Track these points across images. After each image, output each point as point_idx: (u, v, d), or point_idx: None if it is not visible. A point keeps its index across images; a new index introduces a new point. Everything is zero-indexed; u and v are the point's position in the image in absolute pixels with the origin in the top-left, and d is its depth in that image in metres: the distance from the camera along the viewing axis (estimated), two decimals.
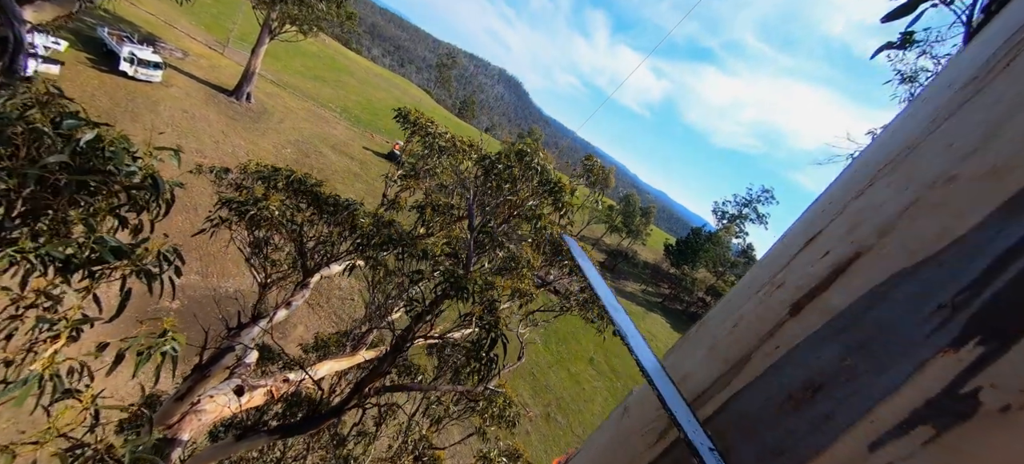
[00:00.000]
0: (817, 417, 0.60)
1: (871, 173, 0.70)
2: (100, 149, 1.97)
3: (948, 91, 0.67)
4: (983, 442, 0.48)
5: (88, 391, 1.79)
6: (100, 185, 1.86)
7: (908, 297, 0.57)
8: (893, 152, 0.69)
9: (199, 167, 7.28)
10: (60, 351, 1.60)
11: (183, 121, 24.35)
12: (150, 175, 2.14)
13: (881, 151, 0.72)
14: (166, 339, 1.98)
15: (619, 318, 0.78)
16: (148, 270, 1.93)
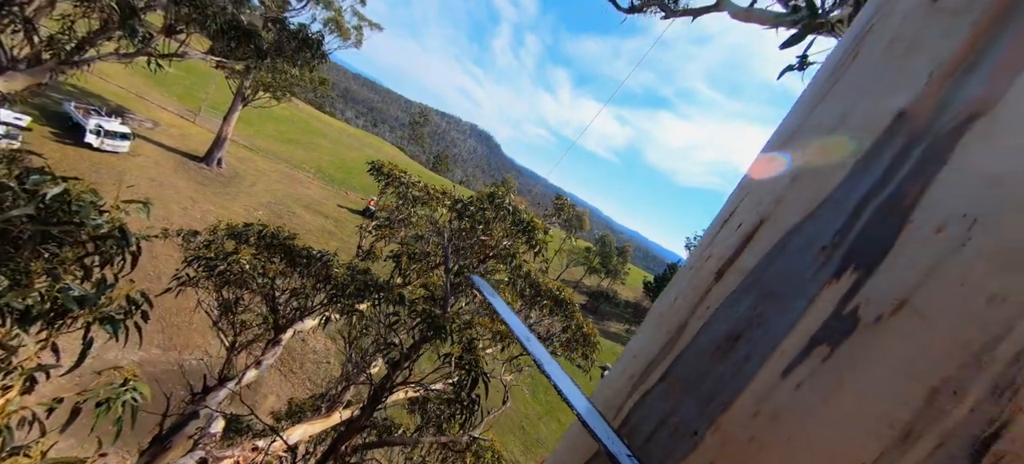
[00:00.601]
0: (738, 360, 0.68)
1: (767, 156, 0.84)
2: (67, 203, 1.98)
3: (819, 83, 0.83)
4: (866, 349, 0.58)
5: (37, 446, 1.67)
6: (66, 236, 1.84)
7: (798, 247, 0.68)
8: (784, 137, 0.83)
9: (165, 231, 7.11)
10: (12, 401, 1.51)
11: (150, 189, 23.79)
12: (118, 227, 2.14)
13: (776, 138, 0.86)
14: (127, 388, 1.89)
15: (532, 348, 0.86)
16: (111, 317, 1.87)
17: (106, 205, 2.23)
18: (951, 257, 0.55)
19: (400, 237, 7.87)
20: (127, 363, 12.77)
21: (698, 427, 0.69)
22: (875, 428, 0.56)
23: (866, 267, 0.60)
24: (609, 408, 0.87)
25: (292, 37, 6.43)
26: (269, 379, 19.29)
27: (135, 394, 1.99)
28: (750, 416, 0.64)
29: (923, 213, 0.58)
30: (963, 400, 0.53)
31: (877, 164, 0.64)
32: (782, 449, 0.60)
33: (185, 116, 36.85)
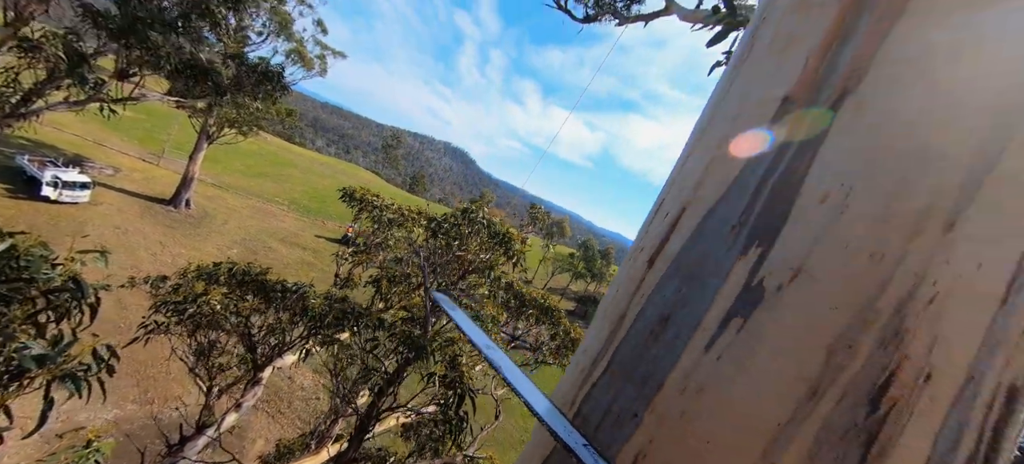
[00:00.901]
0: (668, 341, 0.72)
1: (689, 150, 0.90)
2: (15, 258, 1.91)
3: (726, 77, 0.89)
4: (772, 316, 0.62)
5: None
6: (13, 294, 1.78)
7: (713, 228, 0.73)
8: (699, 130, 0.89)
9: (132, 280, 6.85)
10: None
11: (114, 238, 22.84)
12: (71, 278, 2.07)
13: (693, 131, 0.92)
14: (90, 451, 1.82)
15: (492, 355, 0.89)
16: (73, 374, 1.80)
17: (58, 258, 2.16)
18: (834, 223, 0.61)
19: (379, 261, 7.79)
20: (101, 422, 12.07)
21: (637, 409, 0.73)
22: (786, 389, 0.60)
23: (768, 241, 0.65)
24: (564, 403, 0.90)
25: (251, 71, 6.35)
26: (256, 422, 18.56)
27: (98, 456, 1.91)
28: (680, 392, 0.68)
29: (810, 186, 0.64)
30: (857, 354, 0.58)
31: (771, 146, 0.70)
32: (709, 419, 0.64)
33: (148, 159, 35.70)
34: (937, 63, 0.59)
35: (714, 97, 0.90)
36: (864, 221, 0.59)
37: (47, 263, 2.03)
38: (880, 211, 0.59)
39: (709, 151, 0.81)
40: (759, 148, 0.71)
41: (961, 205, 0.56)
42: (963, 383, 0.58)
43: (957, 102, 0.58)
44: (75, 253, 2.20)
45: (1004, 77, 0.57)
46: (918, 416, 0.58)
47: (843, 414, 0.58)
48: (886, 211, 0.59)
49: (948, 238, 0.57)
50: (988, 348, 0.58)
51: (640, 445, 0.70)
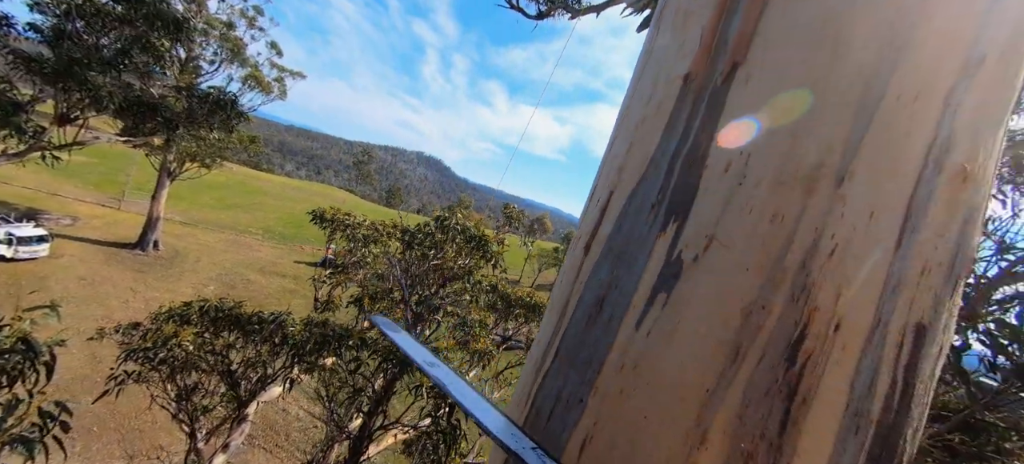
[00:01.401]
0: (604, 322, 0.74)
1: (614, 135, 0.92)
2: None
3: (641, 58, 0.91)
4: (692, 287, 0.65)
5: None
6: None
7: (636, 209, 0.75)
8: (621, 114, 0.91)
9: (102, 331, 6.56)
10: None
11: (80, 290, 21.81)
12: (20, 339, 1.97)
13: (618, 116, 0.94)
14: None
15: (435, 373, 0.88)
16: (24, 437, 1.71)
17: (3, 318, 2.05)
18: (738, 191, 0.63)
19: (358, 279, 7.67)
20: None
21: (582, 393, 0.74)
22: (711, 355, 0.62)
23: (683, 214, 0.68)
24: (521, 397, 0.91)
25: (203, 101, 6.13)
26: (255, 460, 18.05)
27: None
28: (617, 371, 0.70)
29: (714, 158, 0.66)
30: (771, 312, 0.61)
31: (678, 123, 0.72)
32: (645, 394, 0.66)
33: (108, 204, 34.20)
34: (814, 27, 0.62)
35: (632, 79, 0.92)
36: (764, 185, 0.62)
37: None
38: (777, 174, 0.62)
39: (629, 134, 0.83)
40: (669, 126, 0.73)
41: (848, 159, 0.59)
42: (871, 328, 0.61)
43: (836, 62, 0.61)
44: (22, 311, 2.09)
45: (877, 37, 0.61)
46: (833, 365, 0.61)
47: (765, 372, 0.61)
48: (782, 173, 0.61)
49: (840, 192, 0.60)
50: (890, 291, 0.61)
51: (586, 428, 0.72)
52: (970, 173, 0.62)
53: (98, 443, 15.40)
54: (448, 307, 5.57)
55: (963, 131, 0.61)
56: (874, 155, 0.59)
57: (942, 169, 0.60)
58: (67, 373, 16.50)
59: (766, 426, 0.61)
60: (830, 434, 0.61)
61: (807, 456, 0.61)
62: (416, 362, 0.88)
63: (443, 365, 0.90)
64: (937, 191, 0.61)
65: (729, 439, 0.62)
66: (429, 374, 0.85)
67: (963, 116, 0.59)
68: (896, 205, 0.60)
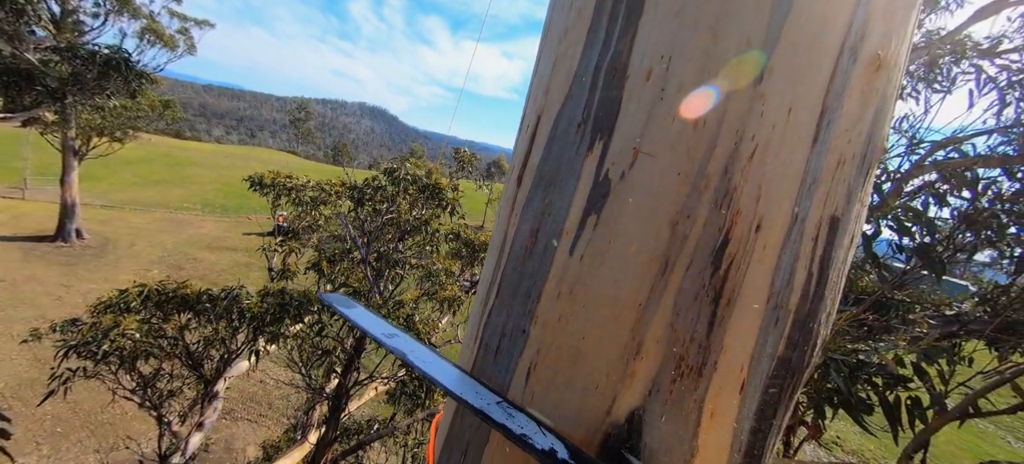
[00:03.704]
0: (539, 252, 0.72)
1: (539, 53, 0.85)
2: None
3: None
4: (620, 204, 0.63)
5: None
6: None
7: (563, 131, 0.71)
8: (545, 29, 0.84)
9: (36, 332, 6.04)
10: None
11: (2, 293, 19.73)
12: None
13: (542, 34, 0.87)
14: None
15: (394, 344, 0.84)
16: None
17: None
18: (660, 99, 0.60)
19: (313, 243, 7.37)
20: None
21: (524, 324, 0.74)
22: (642, 270, 0.63)
23: (608, 130, 0.64)
24: (470, 338, 0.91)
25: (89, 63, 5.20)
26: (241, 432, 18.09)
27: None
28: (555, 298, 0.69)
29: (635, 65, 0.62)
30: (696, 221, 0.61)
31: (599, 29, 0.66)
32: (582, 316, 0.66)
33: (8, 195, 30.13)
34: None
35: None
36: (684, 90, 0.59)
37: None
38: (697, 76, 0.59)
39: (553, 50, 0.77)
40: (590, 35, 0.68)
41: (766, 53, 0.57)
42: (790, 224, 0.63)
43: None
44: None
45: None
46: (755, 264, 0.62)
47: (692, 280, 0.62)
48: (702, 75, 0.59)
49: (760, 90, 0.58)
50: (807, 187, 0.63)
51: (530, 357, 0.72)
52: (883, 60, 0.62)
53: (66, 442, 14.79)
54: (411, 260, 5.52)
55: (877, 15, 0.60)
56: (792, 47, 0.57)
57: (857, 58, 0.60)
58: (11, 379, 15.33)
59: (695, 330, 0.63)
60: (753, 328, 0.64)
61: (732, 351, 0.64)
62: (374, 336, 0.84)
63: (402, 334, 0.87)
64: (851, 81, 0.61)
65: (662, 346, 0.64)
66: (388, 346, 0.82)
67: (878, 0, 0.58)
68: (813, 99, 0.59)
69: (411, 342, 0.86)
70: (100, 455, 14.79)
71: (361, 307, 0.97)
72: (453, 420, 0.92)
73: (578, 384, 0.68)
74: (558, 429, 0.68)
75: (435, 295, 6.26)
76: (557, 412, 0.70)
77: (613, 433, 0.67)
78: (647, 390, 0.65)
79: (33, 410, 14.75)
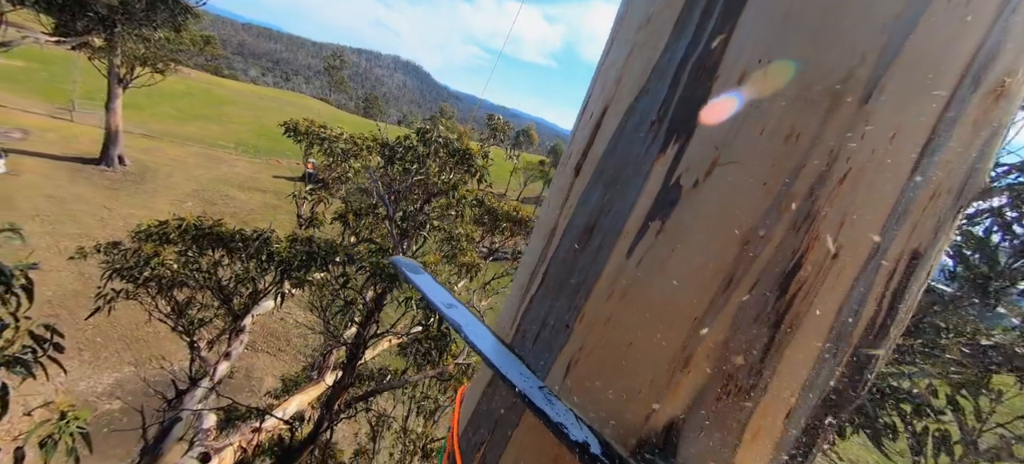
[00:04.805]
0: (593, 250, 0.70)
1: (611, 39, 0.80)
2: None
3: None
4: (689, 214, 0.60)
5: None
6: None
7: (634, 127, 0.68)
8: (620, 15, 0.79)
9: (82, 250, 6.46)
10: None
11: (51, 208, 21.07)
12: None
13: (616, 18, 0.82)
14: (68, 421, 1.82)
15: (452, 315, 0.85)
16: (19, 358, 1.73)
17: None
18: (752, 106, 0.56)
19: (341, 195, 7.53)
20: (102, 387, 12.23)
21: (569, 319, 0.73)
22: (703, 284, 0.60)
23: (686, 134, 0.61)
24: (508, 321, 0.91)
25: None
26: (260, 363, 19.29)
27: (78, 423, 1.91)
28: (606, 299, 0.68)
29: (728, 66, 0.57)
30: (770, 240, 0.58)
31: (690, 23, 0.61)
32: (631, 320, 0.65)
33: (58, 115, 31.63)
34: None
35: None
36: (782, 100, 0.55)
37: None
38: (798, 87, 0.54)
39: (630, 37, 0.72)
40: (678, 27, 0.63)
41: (880, 70, 0.52)
42: (869, 256, 0.59)
43: None
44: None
45: None
46: (824, 293, 0.59)
47: (755, 301, 0.59)
48: (804, 86, 0.54)
49: (865, 110, 0.53)
50: (895, 218, 0.58)
51: (572, 352, 0.72)
52: (1007, 89, 0.56)
53: (105, 352, 16.08)
54: (434, 222, 5.58)
55: (1012, 38, 0.53)
56: (910, 68, 0.51)
57: (979, 84, 0.54)
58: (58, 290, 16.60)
59: (750, 351, 0.61)
60: (810, 357, 0.62)
61: (785, 377, 0.62)
62: (435, 305, 0.86)
63: (461, 306, 0.88)
64: (967, 110, 0.55)
65: (712, 363, 0.62)
66: (446, 316, 0.83)
67: (1018, 19, 0.51)
68: (921, 126, 0.54)
69: (467, 314, 0.87)
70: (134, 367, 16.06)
71: (427, 275, 0.98)
72: (483, 395, 0.94)
73: (619, 387, 0.67)
74: (593, 425, 0.68)
75: (454, 259, 6.34)
76: (593, 410, 0.70)
77: (648, 440, 0.67)
78: (689, 403, 0.64)
79: (78, 320, 15.99)
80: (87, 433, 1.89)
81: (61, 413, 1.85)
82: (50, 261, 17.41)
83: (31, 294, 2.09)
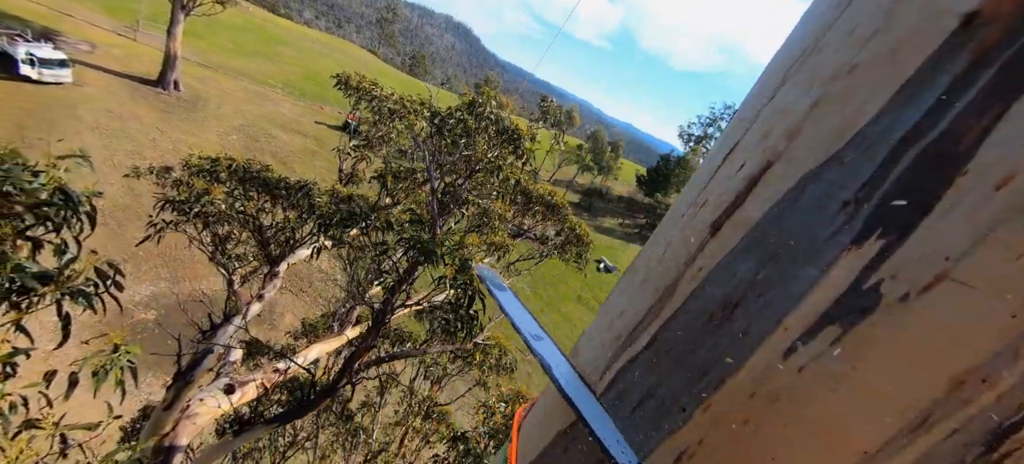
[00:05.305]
0: (734, 333, 0.60)
1: (782, 73, 0.67)
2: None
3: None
4: (886, 332, 0.49)
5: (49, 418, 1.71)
6: None
7: (814, 200, 0.56)
8: (801, 47, 0.65)
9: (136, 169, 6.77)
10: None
11: (110, 123, 22.28)
12: (58, 189, 1.94)
13: (791, 47, 0.68)
14: (120, 354, 1.89)
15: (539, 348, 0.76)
16: (82, 291, 1.79)
17: (38, 164, 2.01)
18: (1011, 221, 0.43)
19: (382, 155, 7.57)
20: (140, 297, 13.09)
21: (687, 403, 0.63)
22: (886, 417, 0.49)
23: (898, 231, 0.49)
24: (594, 368, 0.82)
25: None
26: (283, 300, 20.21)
27: (128, 357, 1.98)
28: (746, 397, 0.58)
29: (984, 161, 0.44)
30: (992, 387, 0.46)
31: (927, 91, 0.48)
32: (778, 433, 0.55)
33: (123, 33, 33.02)
34: None
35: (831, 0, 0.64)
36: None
37: (28, 171, 1.89)
38: None
39: (818, 83, 0.59)
40: (907, 93, 0.50)
41: None
42: None
43: None
44: (54, 158, 2.03)
45: None
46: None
47: (949, 451, 0.48)
48: None
49: None
50: None
51: (686, 443, 0.63)
52: None
53: (145, 266, 17.17)
54: (472, 198, 5.53)
55: None
56: None
57: None
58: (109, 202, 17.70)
59: None
60: None
61: None
62: (521, 333, 0.78)
63: (548, 338, 0.80)
64: None
65: None
66: (534, 349, 0.76)
67: None
68: None
69: (557, 354, 0.79)
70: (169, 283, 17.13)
71: (511, 293, 0.91)
72: (558, 439, 0.87)
73: None
74: None
75: (485, 236, 6.31)
76: None
77: None
78: None
79: (124, 232, 17.06)
80: (135, 368, 1.96)
81: (114, 346, 1.92)
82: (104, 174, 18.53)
83: (94, 221, 2.15)
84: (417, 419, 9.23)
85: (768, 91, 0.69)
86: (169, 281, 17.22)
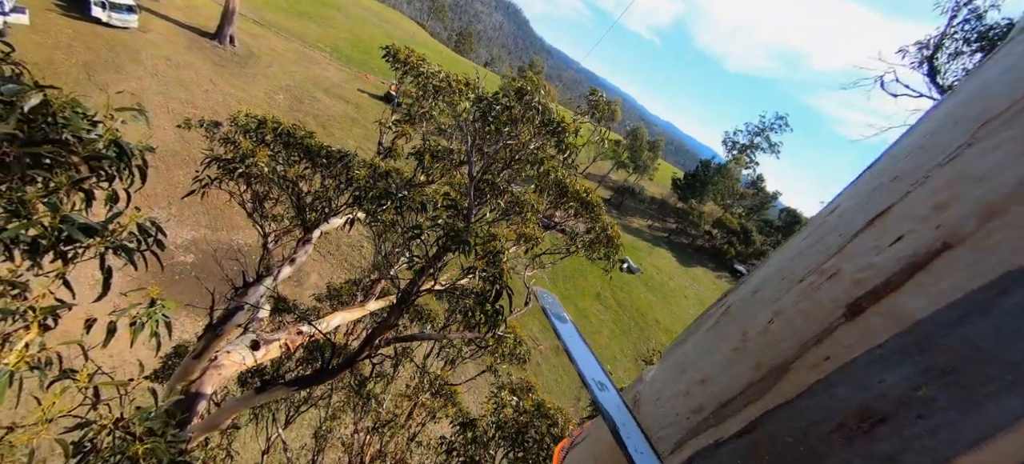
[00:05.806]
0: (875, 457, 0.48)
1: (970, 127, 0.52)
2: (51, 116, 1.79)
3: None
4: None
5: (84, 370, 1.76)
6: (56, 157, 1.70)
7: (1017, 310, 0.42)
8: (1009, 95, 0.51)
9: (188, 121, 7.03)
10: (35, 340, 1.54)
11: (168, 70, 23.37)
12: (113, 142, 1.96)
13: (986, 94, 0.53)
14: (156, 308, 1.93)
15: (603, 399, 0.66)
16: (124, 246, 1.82)
17: (97, 115, 2.04)
18: None
19: (422, 132, 7.56)
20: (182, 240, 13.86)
21: None
22: None
23: None
24: (663, 437, 0.72)
25: None
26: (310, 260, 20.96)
27: (164, 312, 2.02)
28: None
29: None
30: None
31: None
32: None
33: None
34: None
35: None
36: None
37: (86, 121, 1.91)
38: None
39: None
40: None
41: None
42: None
43: None
44: (113, 110, 2.05)
45: None
46: None
47: None
48: None
49: None
50: None
51: None
52: None
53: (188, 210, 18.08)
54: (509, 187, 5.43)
55: None
56: None
57: None
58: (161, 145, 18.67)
59: None
60: None
61: None
62: (583, 377, 0.69)
63: (612, 387, 0.70)
64: None
65: None
66: (598, 401, 0.66)
67: None
68: None
69: (623, 410, 0.70)
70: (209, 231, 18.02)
71: (573, 326, 0.81)
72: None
73: None
74: None
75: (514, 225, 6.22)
76: None
77: None
78: None
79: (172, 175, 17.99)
80: (170, 322, 1.99)
81: (152, 300, 1.95)
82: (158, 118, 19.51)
83: (145, 175, 2.17)
84: (426, 395, 9.40)
85: (944, 147, 0.54)
86: (209, 229, 18.09)
